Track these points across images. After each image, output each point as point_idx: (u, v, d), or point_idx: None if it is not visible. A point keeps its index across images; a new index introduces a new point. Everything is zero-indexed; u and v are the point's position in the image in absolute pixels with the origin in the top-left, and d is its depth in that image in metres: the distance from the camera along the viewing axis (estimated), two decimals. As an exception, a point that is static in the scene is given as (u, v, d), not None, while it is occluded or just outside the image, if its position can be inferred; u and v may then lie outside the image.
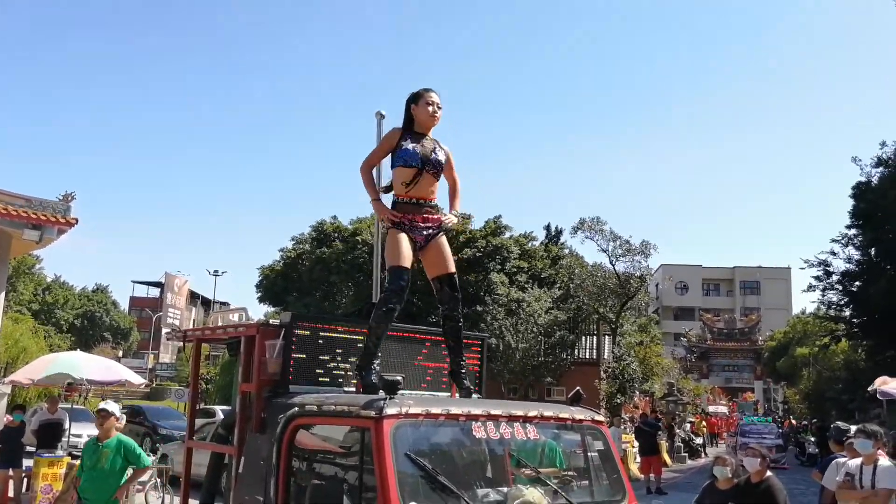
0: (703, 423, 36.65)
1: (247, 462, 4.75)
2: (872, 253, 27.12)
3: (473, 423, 4.39)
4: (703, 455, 30.43)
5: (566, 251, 42.07)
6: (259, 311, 45.56)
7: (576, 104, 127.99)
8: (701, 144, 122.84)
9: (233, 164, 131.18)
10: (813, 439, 28.53)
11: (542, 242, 42.83)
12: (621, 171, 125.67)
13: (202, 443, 6.04)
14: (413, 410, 4.15)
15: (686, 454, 29.36)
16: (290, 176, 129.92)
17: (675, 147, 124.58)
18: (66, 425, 15.31)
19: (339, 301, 37.18)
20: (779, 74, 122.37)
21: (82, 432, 20.67)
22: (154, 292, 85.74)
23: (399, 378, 4.21)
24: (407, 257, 5.04)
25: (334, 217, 41.68)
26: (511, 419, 4.57)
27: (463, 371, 5.30)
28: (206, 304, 75.29)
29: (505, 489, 4.49)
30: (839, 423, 9.27)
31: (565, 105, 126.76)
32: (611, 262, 35.72)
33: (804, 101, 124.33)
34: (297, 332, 4.90)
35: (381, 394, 4.19)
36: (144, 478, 13.47)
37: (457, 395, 5.35)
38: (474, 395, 5.68)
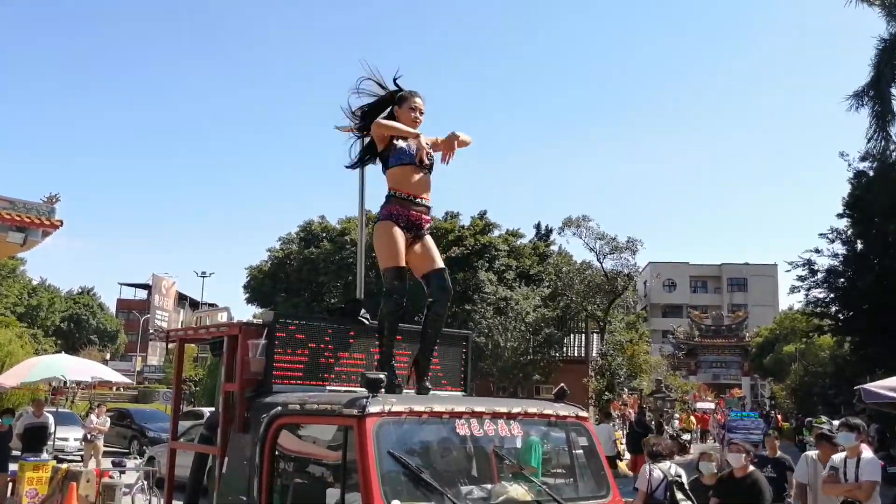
0: (692, 418, 36.73)
1: (230, 462, 4.74)
2: (859, 247, 27.27)
3: (457, 420, 4.39)
4: (690, 451, 30.53)
5: (554, 249, 42.20)
6: (247, 312, 45.38)
7: (563, 101, 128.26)
8: (689, 142, 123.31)
9: (219, 165, 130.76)
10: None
11: (531, 240, 42.90)
12: (610, 169, 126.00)
13: (185, 443, 6.01)
14: (396, 408, 4.14)
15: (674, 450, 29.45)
16: (277, 175, 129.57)
17: (664, 144, 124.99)
18: (52, 429, 15.25)
19: (328, 301, 37.15)
20: (765, 70, 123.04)
21: (68, 436, 20.62)
22: (141, 294, 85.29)
23: (381, 376, 4.20)
24: (403, 256, 5.08)
25: (322, 217, 41.69)
26: (495, 416, 4.57)
27: (427, 366, 5.20)
28: (194, 305, 74.98)
29: (489, 486, 4.49)
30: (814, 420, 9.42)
31: (552, 102, 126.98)
32: (598, 260, 35.92)
33: (790, 98, 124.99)
34: (280, 330, 4.88)
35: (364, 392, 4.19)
36: (131, 480, 13.44)
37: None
38: (459, 394, 5.68)
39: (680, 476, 7.23)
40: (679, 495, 6.85)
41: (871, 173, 26.51)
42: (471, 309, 31.12)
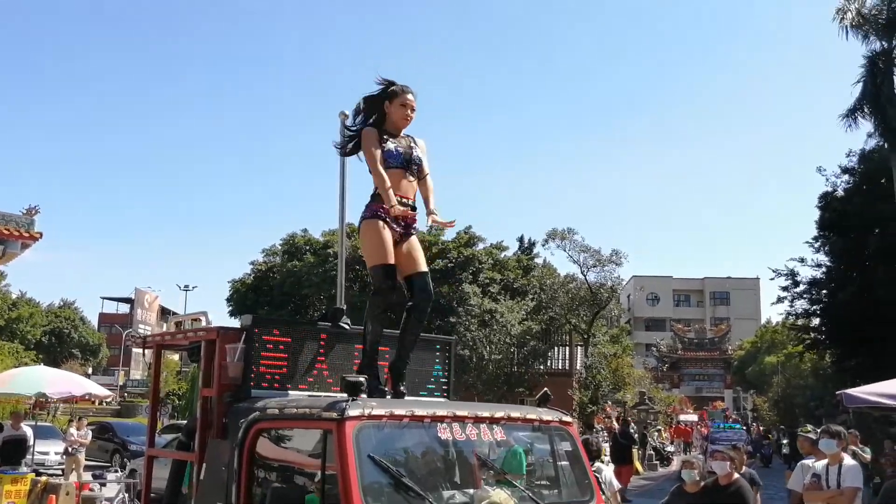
0: (665, 433, 36.85)
1: (208, 468, 4.67)
2: (840, 261, 27.47)
3: (439, 424, 4.36)
4: (673, 462, 30.63)
5: (538, 262, 42.27)
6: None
7: (547, 114, 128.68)
8: (672, 156, 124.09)
9: (202, 178, 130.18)
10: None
11: (514, 253, 42.94)
12: (593, 183, 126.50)
13: (162, 451, 5.94)
14: (376, 412, 4.10)
15: (657, 462, 29.52)
16: (260, 189, 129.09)
17: (646, 158, 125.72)
18: (31, 442, 15.08)
19: (312, 314, 36.96)
20: (749, 84, 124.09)
21: (49, 449, 20.37)
22: (124, 308, 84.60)
23: (361, 379, 4.17)
24: (391, 253, 4.96)
25: (305, 230, 41.50)
26: (477, 420, 4.53)
27: (403, 370, 5.10)
28: (177, 319, 74.55)
29: (471, 491, 4.45)
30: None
31: (536, 114, 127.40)
32: (582, 273, 36.00)
33: (773, 111, 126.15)
34: (258, 335, 4.82)
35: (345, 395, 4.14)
36: (112, 494, 13.30)
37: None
38: (441, 400, 5.64)
39: (600, 471, 7.59)
40: None
41: (848, 188, 26.81)
42: (455, 321, 31.06)
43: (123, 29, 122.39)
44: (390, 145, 5.15)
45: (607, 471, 7.95)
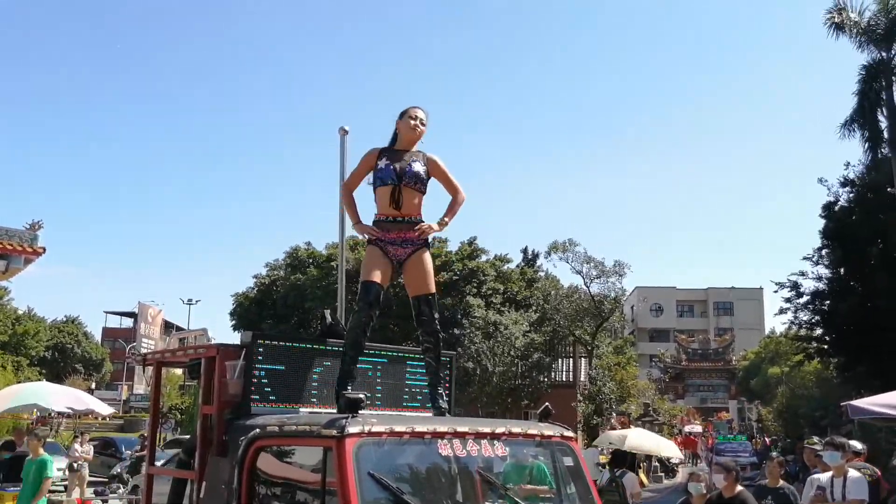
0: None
1: (208, 486, 4.64)
2: (842, 271, 27.44)
3: (439, 440, 4.32)
4: (678, 474, 30.48)
5: (541, 274, 42.27)
6: (234, 340, 45.06)
7: (544, 118, 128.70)
8: (674, 165, 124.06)
9: (205, 192, 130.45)
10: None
11: (518, 265, 42.96)
12: (596, 193, 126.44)
13: (163, 468, 5.91)
14: (376, 429, 4.07)
15: (662, 474, 29.38)
16: (263, 202, 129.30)
17: (649, 168, 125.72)
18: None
19: (315, 327, 36.97)
20: (751, 94, 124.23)
21: (51, 465, 20.28)
22: (127, 322, 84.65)
23: (361, 396, 4.14)
24: (377, 273, 5.01)
25: (308, 243, 41.57)
26: (478, 436, 4.50)
27: (439, 391, 5.24)
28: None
29: (472, 508, 4.42)
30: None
31: (534, 118, 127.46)
32: (585, 284, 35.99)
33: (777, 120, 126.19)
34: (259, 351, 4.80)
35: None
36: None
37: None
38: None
39: (624, 475, 8.07)
40: None
41: (849, 198, 26.82)
42: (459, 333, 31.04)
43: (126, 31, 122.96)
44: (383, 163, 5.16)
45: (630, 475, 8.14)
